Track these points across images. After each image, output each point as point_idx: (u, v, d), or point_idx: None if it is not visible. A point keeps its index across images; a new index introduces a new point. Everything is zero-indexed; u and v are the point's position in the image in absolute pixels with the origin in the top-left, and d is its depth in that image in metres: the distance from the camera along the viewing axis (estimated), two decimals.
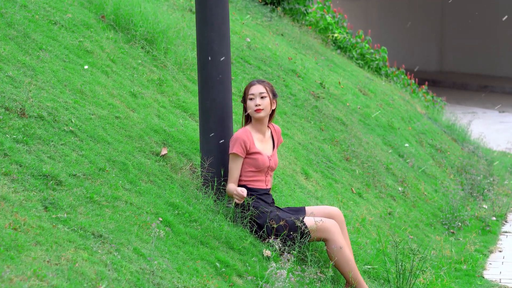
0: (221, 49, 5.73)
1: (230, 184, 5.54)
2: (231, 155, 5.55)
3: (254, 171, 5.57)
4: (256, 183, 5.59)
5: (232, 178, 5.53)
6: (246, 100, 5.68)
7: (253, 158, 5.56)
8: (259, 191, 5.55)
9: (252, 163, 5.56)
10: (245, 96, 5.69)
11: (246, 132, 5.59)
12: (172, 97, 6.99)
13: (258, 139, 5.66)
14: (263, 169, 5.59)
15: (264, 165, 5.59)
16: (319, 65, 11.22)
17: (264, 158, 5.59)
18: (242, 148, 5.53)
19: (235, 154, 5.53)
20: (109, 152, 5.30)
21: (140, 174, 5.29)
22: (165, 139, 6.07)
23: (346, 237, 5.69)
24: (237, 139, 5.55)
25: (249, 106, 5.66)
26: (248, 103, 5.67)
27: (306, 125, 8.52)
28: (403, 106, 12.08)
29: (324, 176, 7.64)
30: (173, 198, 5.23)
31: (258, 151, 5.59)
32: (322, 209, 5.69)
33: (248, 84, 5.71)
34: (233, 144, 5.55)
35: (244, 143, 5.53)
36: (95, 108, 5.82)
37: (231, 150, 5.53)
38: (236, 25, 10.47)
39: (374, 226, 7.26)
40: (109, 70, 6.67)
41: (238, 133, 5.59)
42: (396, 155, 9.59)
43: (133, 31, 7.56)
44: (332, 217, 5.56)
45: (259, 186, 5.60)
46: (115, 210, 4.64)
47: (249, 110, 5.67)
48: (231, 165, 5.55)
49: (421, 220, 8.21)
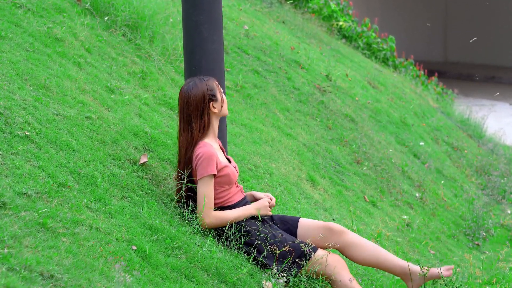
0: (212, 35, 4.74)
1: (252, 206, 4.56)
2: (205, 179, 4.43)
3: (227, 189, 4.56)
4: (233, 197, 4.59)
5: (209, 206, 4.44)
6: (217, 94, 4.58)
7: (223, 175, 4.51)
8: (239, 204, 4.58)
9: (223, 181, 4.53)
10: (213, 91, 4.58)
11: (211, 147, 4.52)
12: (157, 92, 6.01)
13: (217, 150, 4.65)
14: (233, 181, 4.60)
15: (235, 176, 4.59)
16: (324, 55, 10.23)
17: (232, 170, 4.58)
18: (215, 166, 4.49)
19: (211, 176, 4.46)
20: (74, 161, 4.31)
21: (111, 189, 4.30)
22: (146, 143, 5.09)
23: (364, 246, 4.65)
24: (211, 156, 4.45)
25: (225, 100, 4.65)
26: (224, 98, 4.65)
27: (312, 123, 7.53)
28: (415, 100, 11.09)
29: (333, 183, 6.65)
30: (152, 218, 4.24)
31: (224, 164, 4.55)
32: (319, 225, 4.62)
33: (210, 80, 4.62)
34: (207, 164, 4.44)
35: (216, 160, 4.50)
36: (61, 107, 4.82)
37: (206, 172, 4.43)
38: (233, 11, 9.46)
39: (392, 241, 6.28)
40: (82, 61, 5.67)
41: (206, 149, 4.47)
42: (411, 155, 8.60)
43: (113, 16, 6.58)
44: (335, 233, 4.58)
45: (237, 199, 4.61)
46: (75, 239, 3.65)
47: (224, 106, 4.62)
48: (206, 190, 4.42)
49: (442, 231, 7.23)
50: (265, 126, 6.76)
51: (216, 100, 4.59)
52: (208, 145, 4.49)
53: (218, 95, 4.60)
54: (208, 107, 4.56)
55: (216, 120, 4.62)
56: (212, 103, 4.58)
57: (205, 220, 4.42)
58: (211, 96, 4.56)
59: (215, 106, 4.58)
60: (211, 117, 4.59)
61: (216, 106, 4.58)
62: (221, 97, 4.61)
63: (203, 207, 4.41)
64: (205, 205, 4.41)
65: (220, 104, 4.60)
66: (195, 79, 4.60)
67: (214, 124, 4.61)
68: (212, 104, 4.58)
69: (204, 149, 4.47)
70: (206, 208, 4.42)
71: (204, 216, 4.42)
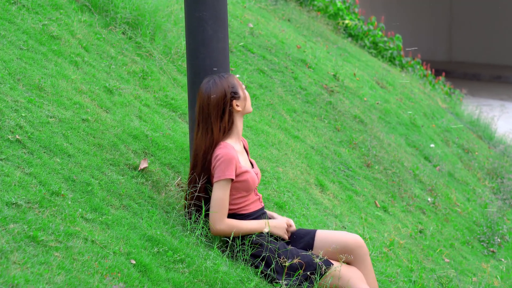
0: (216, 32, 4.44)
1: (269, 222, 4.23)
2: (221, 183, 4.13)
3: (244, 195, 4.24)
4: (250, 206, 4.27)
5: (223, 212, 4.12)
6: (239, 91, 4.26)
7: (241, 180, 4.19)
8: (256, 214, 4.26)
9: (241, 187, 4.20)
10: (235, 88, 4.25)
11: (232, 149, 4.20)
12: (158, 93, 5.71)
13: (239, 153, 4.31)
14: (252, 188, 4.28)
15: (254, 184, 4.26)
16: (331, 54, 9.92)
17: (253, 176, 4.25)
18: (234, 170, 4.17)
19: (228, 180, 4.15)
20: (69, 168, 4.01)
21: (109, 198, 4.00)
22: (147, 147, 4.79)
23: (370, 271, 4.34)
24: (231, 159, 4.14)
25: (248, 97, 4.32)
26: (247, 94, 4.32)
27: (319, 124, 7.23)
28: (424, 100, 10.78)
29: (343, 188, 6.35)
30: (153, 229, 3.94)
31: (245, 169, 4.22)
32: (337, 237, 4.31)
33: (230, 77, 4.30)
34: (225, 167, 4.12)
35: (236, 164, 4.18)
36: (55, 108, 4.53)
37: (224, 175, 4.11)
38: (237, 8, 9.16)
39: (405, 249, 5.97)
40: (79, 60, 5.38)
41: (227, 150, 4.15)
42: (422, 158, 8.30)
43: (112, 13, 6.28)
44: (351, 251, 4.23)
45: (254, 208, 4.28)
46: (68, 254, 3.35)
47: (248, 102, 4.30)
48: (221, 194, 4.11)
49: (456, 238, 6.92)
50: (271, 128, 6.46)
51: (238, 98, 4.26)
52: (229, 147, 4.17)
53: (241, 92, 4.27)
54: (230, 106, 4.24)
55: (239, 119, 4.29)
56: (235, 101, 4.25)
57: (216, 226, 4.11)
58: (233, 93, 4.24)
59: (238, 104, 4.26)
60: (234, 116, 4.26)
61: (239, 104, 4.26)
62: (243, 94, 4.29)
63: (216, 211, 4.10)
64: (219, 210, 4.10)
65: (243, 102, 4.27)
66: (214, 77, 4.28)
67: (238, 123, 4.28)
68: (235, 102, 4.25)
69: (224, 150, 4.15)
70: (219, 213, 4.10)
71: (216, 221, 4.10)
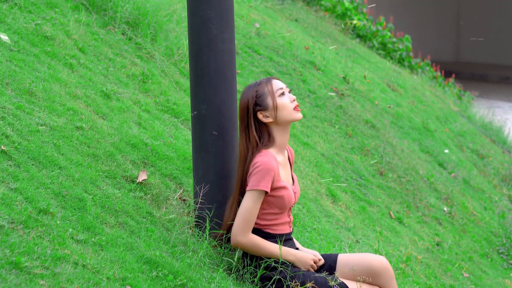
0: (222, 32, 4.06)
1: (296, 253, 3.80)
2: (254, 193, 3.73)
3: (276, 213, 3.84)
4: (279, 227, 3.85)
5: (249, 225, 3.74)
6: (267, 100, 3.84)
7: (277, 195, 3.79)
8: (281, 238, 3.84)
9: (274, 202, 3.80)
10: (262, 98, 3.85)
11: (274, 159, 3.79)
12: (159, 97, 5.34)
13: (281, 165, 3.89)
14: (287, 208, 3.90)
15: (290, 203, 3.86)
16: (340, 55, 9.55)
17: (290, 194, 3.84)
18: (270, 183, 3.77)
19: (261, 191, 3.75)
20: (59, 181, 3.64)
21: (103, 215, 3.63)
22: (146, 157, 4.42)
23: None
24: (269, 170, 3.73)
25: (282, 105, 3.82)
26: (279, 102, 3.83)
27: (330, 130, 6.86)
28: (436, 103, 10.41)
29: (356, 198, 5.98)
30: (152, 249, 3.57)
31: (284, 184, 3.81)
32: (361, 260, 3.92)
33: (263, 83, 3.90)
34: (261, 177, 3.71)
35: (274, 176, 3.77)
36: (46, 115, 4.16)
37: (258, 186, 3.71)
38: (243, 8, 8.79)
39: (422, 264, 5.60)
40: (74, 62, 5.01)
41: (267, 159, 3.75)
42: (436, 164, 7.92)
43: (111, 12, 5.92)
44: (376, 274, 3.84)
45: (282, 230, 3.87)
46: (55, 282, 2.97)
47: (282, 112, 3.82)
48: (251, 205, 3.72)
49: (474, 250, 6.55)
50: None
51: (264, 109, 3.84)
52: (270, 156, 3.76)
53: (269, 102, 3.83)
54: (254, 117, 3.85)
55: (277, 129, 3.85)
56: (260, 113, 3.85)
57: (237, 238, 3.72)
58: (255, 105, 3.84)
59: (267, 114, 3.84)
60: (269, 126, 3.86)
61: (268, 115, 3.83)
62: (273, 103, 3.83)
63: (241, 222, 3.72)
64: (244, 222, 3.71)
65: (273, 111, 3.83)
66: (251, 82, 3.92)
67: (276, 134, 3.84)
68: (260, 113, 3.85)
69: (264, 158, 3.74)
70: (244, 225, 3.71)
71: (239, 233, 3.72)
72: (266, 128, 3.86)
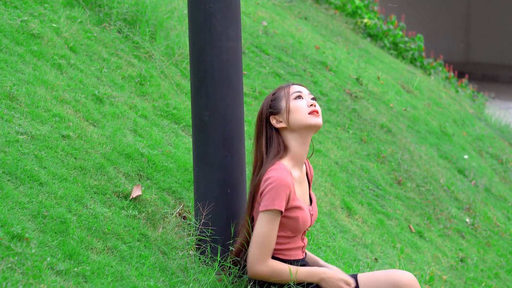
0: (227, 29, 3.58)
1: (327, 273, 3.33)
2: (269, 214, 3.25)
3: (289, 236, 3.36)
4: (291, 252, 3.37)
5: (268, 252, 3.26)
6: (281, 103, 3.39)
7: (291, 216, 3.31)
8: (293, 264, 3.37)
9: (287, 224, 3.32)
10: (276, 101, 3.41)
11: (288, 174, 3.30)
12: (158, 101, 4.86)
13: (297, 182, 3.40)
14: (301, 231, 3.41)
15: (305, 226, 3.38)
16: (351, 55, 9.06)
17: (306, 216, 3.35)
18: (285, 201, 3.29)
19: (277, 212, 3.27)
20: (39, 200, 3.16)
21: (89, 238, 3.15)
22: (142, 168, 3.94)
23: None
24: (283, 186, 3.25)
25: (294, 107, 3.35)
26: (292, 104, 3.37)
27: (343, 135, 6.37)
28: (452, 105, 9.91)
29: (373, 210, 5.49)
30: (145, 279, 3.09)
31: (299, 204, 3.33)
32: (387, 277, 3.42)
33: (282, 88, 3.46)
34: (275, 195, 3.24)
35: (289, 194, 3.29)
36: (28, 122, 3.68)
37: (272, 205, 3.24)
38: (249, 5, 8.31)
39: (447, 283, 5.11)
40: (64, 62, 4.54)
41: (282, 174, 3.28)
42: (456, 171, 7.42)
43: (107, 8, 5.45)
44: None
45: (294, 256, 3.38)
46: None
47: (295, 115, 3.36)
48: (268, 228, 3.24)
49: (500, 266, 6.05)
50: None
51: (277, 112, 3.40)
52: (283, 171, 3.29)
53: (282, 104, 3.38)
54: (267, 122, 3.41)
55: (292, 137, 3.38)
56: (273, 117, 3.40)
57: (256, 267, 3.25)
58: (270, 108, 3.41)
59: (280, 119, 3.39)
60: (282, 133, 3.40)
61: (281, 120, 3.39)
62: (287, 105, 3.37)
63: (258, 249, 3.24)
64: (261, 249, 3.24)
65: (285, 115, 3.37)
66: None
67: (290, 142, 3.38)
68: (273, 118, 3.40)
69: (278, 173, 3.27)
70: (262, 252, 3.24)
71: (256, 261, 3.25)
72: (280, 135, 3.39)
